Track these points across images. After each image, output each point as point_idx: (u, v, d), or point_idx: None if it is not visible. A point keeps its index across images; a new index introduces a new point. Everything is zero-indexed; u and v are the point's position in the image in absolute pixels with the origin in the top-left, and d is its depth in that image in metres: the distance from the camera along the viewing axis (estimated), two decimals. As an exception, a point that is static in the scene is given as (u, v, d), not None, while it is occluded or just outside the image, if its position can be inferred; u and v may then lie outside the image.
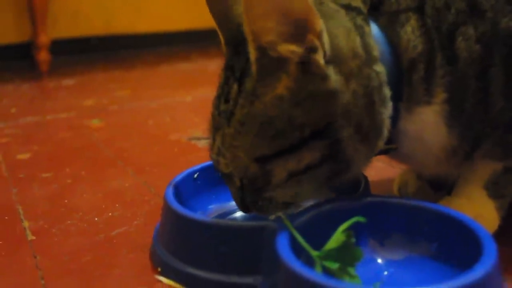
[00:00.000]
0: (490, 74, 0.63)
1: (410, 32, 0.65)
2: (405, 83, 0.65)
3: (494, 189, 0.71)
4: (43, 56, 2.33)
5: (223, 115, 0.62)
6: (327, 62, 0.58)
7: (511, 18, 0.63)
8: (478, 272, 0.51)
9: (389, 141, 0.67)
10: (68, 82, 2.16)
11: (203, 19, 2.73)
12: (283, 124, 0.58)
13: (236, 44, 0.63)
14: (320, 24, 0.56)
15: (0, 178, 1.08)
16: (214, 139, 0.64)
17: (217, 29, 0.67)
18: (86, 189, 1.01)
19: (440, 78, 0.64)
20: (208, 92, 0.69)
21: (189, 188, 0.78)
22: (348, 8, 0.65)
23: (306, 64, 0.57)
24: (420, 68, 0.64)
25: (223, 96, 0.63)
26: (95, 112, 1.64)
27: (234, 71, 0.63)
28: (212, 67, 2.36)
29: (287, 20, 0.55)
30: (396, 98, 0.65)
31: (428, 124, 0.66)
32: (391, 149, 0.70)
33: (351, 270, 0.58)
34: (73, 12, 2.59)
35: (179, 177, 0.78)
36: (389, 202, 0.67)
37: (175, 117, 1.56)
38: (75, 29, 2.62)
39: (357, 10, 0.65)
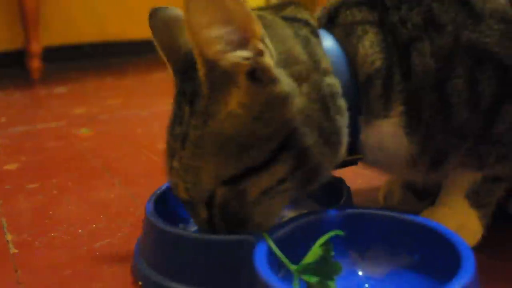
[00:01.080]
0: (450, 86, 0.63)
1: (368, 46, 0.65)
2: (362, 97, 0.65)
3: (475, 199, 0.71)
4: (35, 64, 2.33)
5: (177, 140, 0.61)
6: (275, 65, 0.58)
7: (472, 31, 0.63)
8: (455, 286, 0.51)
9: (354, 151, 0.68)
10: (60, 90, 2.16)
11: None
12: (247, 140, 0.58)
13: (184, 71, 0.63)
14: (261, 28, 0.56)
15: (-15, 190, 1.08)
16: (171, 167, 0.63)
17: (165, 60, 0.68)
18: (72, 200, 1.01)
19: (397, 93, 0.64)
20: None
21: (173, 199, 0.78)
22: (292, 20, 0.65)
23: (254, 73, 0.57)
24: (377, 84, 0.64)
25: (176, 121, 0.63)
26: (85, 121, 1.64)
27: (186, 95, 0.62)
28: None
29: (230, 28, 0.55)
30: (354, 110, 0.65)
31: (388, 135, 0.66)
32: (357, 159, 0.70)
33: (331, 284, 0.58)
34: (65, 19, 2.60)
35: (162, 187, 0.78)
36: (369, 214, 0.67)
37: (163, 125, 1.55)
38: (67, 36, 2.62)
39: (303, 22, 0.66)
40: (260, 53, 0.56)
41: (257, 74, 0.57)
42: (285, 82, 0.58)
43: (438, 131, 0.65)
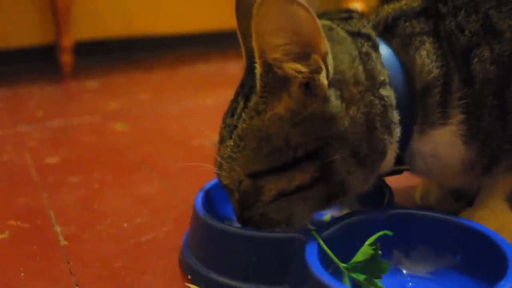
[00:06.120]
0: (508, 93, 0.64)
1: (425, 56, 0.66)
2: (419, 106, 0.66)
3: None
4: (66, 58, 2.37)
5: (227, 129, 0.65)
6: (329, 85, 0.59)
7: None
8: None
9: (401, 160, 0.69)
10: (91, 84, 2.20)
11: (222, 21, 2.77)
12: (279, 142, 0.60)
13: (252, 62, 0.65)
14: (326, 45, 0.58)
15: (30, 183, 1.11)
16: (218, 151, 0.66)
17: (241, 45, 0.70)
18: (114, 194, 1.04)
19: (457, 100, 0.65)
20: (228, 95, 0.71)
21: (217, 196, 0.80)
22: (357, 35, 0.66)
23: (308, 86, 0.59)
24: (436, 92, 0.65)
25: (230, 111, 0.66)
26: (119, 116, 1.67)
27: (244, 88, 0.65)
28: (230, 69, 2.40)
29: (295, 39, 0.57)
30: (408, 120, 0.66)
31: (444, 143, 0.67)
32: (403, 169, 0.71)
33: (377, 282, 0.60)
34: (94, 14, 2.63)
35: (207, 185, 0.80)
36: (413, 214, 0.69)
37: (197, 121, 1.59)
38: (96, 31, 2.66)
39: (366, 37, 0.67)
40: (318, 70, 0.58)
41: (310, 87, 0.59)
42: (334, 104, 0.60)
43: (495, 138, 0.66)
